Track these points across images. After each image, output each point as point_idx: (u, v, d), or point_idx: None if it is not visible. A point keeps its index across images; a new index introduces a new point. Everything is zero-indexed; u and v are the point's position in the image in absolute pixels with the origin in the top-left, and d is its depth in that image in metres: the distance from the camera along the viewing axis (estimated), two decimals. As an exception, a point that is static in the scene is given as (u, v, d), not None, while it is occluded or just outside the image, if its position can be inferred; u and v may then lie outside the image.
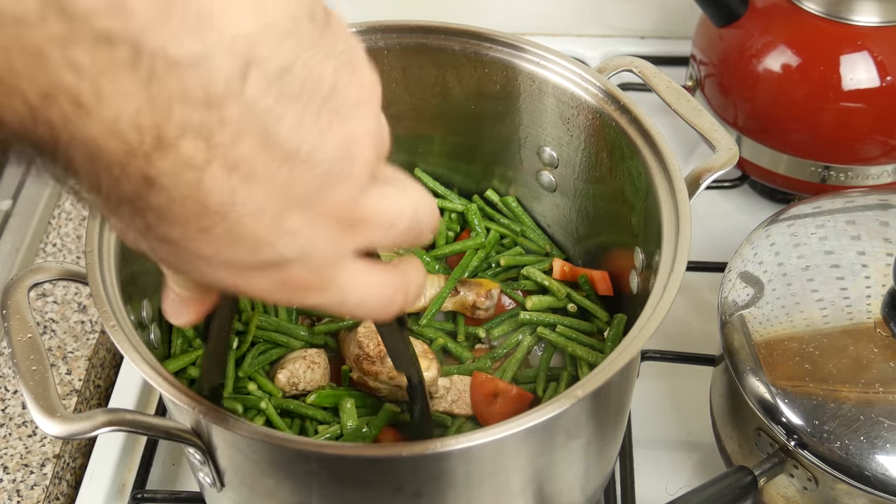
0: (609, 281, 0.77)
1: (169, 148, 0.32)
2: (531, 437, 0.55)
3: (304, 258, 0.39)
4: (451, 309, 0.76)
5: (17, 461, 0.76)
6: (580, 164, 0.76)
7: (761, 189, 1.00)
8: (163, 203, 0.34)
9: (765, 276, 0.70)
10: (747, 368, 0.65)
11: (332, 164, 0.37)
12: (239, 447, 0.55)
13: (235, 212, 0.35)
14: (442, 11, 1.00)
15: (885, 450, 0.60)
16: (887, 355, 0.64)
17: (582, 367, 0.73)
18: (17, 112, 0.30)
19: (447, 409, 0.70)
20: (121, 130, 0.31)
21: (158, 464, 0.79)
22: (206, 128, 0.33)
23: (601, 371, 0.54)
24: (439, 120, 0.81)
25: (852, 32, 0.88)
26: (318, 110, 0.36)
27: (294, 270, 0.39)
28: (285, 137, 0.35)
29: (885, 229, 0.71)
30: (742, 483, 0.64)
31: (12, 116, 0.30)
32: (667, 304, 0.57)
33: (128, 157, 0.32)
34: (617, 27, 1.18)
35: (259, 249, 0.37)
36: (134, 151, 0.32)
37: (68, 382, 0.81)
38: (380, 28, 0.75)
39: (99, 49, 0.30)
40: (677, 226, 0.62)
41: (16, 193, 0.96)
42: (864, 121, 0.89)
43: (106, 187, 0.34)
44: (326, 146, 0.37)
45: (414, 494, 0.55)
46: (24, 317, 0.59)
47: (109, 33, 0.30)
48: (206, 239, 0.36)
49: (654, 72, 0.72)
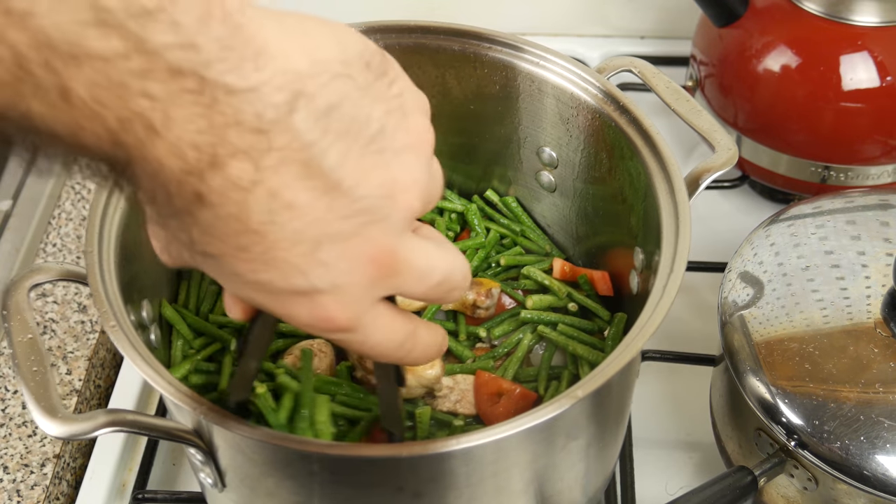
0: (609, 281, 0.77)
1: (221, 167, 0.36)
2: (532, 437, 0.55)
3: (335, 292, 0.41)
4: (451, 308, 0.76)
5: (17, 461, 0.76)
6: (580, 164, 0.76)
7: (761, 189, 1.00)
8: (209, 220, 0.37)
9: (765, 277, 0.70)
10: (747, 368, 0.66)
11: (372, 202, 0.40)
12: (240, 448, 0.56)
13: (274, 234, 0.38)
14: (441, 11, 1.00)
15: (885, 450, 0.60)
16: (887, 355, 0.64)
17: (583, 366, 0.73)
18: (100, 137, 0.34)
19: (451, 408, 0.70)
20: (182, 150, 0.35)
21: (159, 464, 0.79)
22: (256, 151, 0.36)
23: (602, 371, 0.54)
24: (439, 120, 0.80)
25: (852, 32, 0.88)
26: (364, 149, 0.39)
27: (324, 302, 0.41)
28: (328, 169, 0.38)
29: (885, 229, 0.71)
30: (742, 483, 0.64)
31: (95, 141, 0.34)
32: (667, 304, 0.57)
33: (184, 175, 0.36)
34: (617, 27, 1.18)
35: (291, 276, 0.39)
36: (191, 170, 0.35)
37: (68, 382, 0.82)
38: (379, 28, 0.75)
39: (171, 80, 0.34)
40: (677, 226, 0.62)
41: (16, 193, 0.96)
42: (864, 121, 0.89)
43: (161, 201, 0.37)
44: (368, 184, 0.39)
45: (414, 495, 0.55)
46: (25, 317, 0.59)
47: (180, 66, 0.34)
48: (244, 258, 0.39)
49: (654, 72, 0.72)
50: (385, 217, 0.40)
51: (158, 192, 0.37)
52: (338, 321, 0.42)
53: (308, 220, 0.38)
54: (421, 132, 0.43)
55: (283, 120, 0.36)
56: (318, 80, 0.37)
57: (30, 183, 0.98)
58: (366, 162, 0.39)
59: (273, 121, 0.36)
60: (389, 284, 0.43)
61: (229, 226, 0.37)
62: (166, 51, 0.33)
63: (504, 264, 0.80)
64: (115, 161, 0.35)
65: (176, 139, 0.35)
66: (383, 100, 0.40)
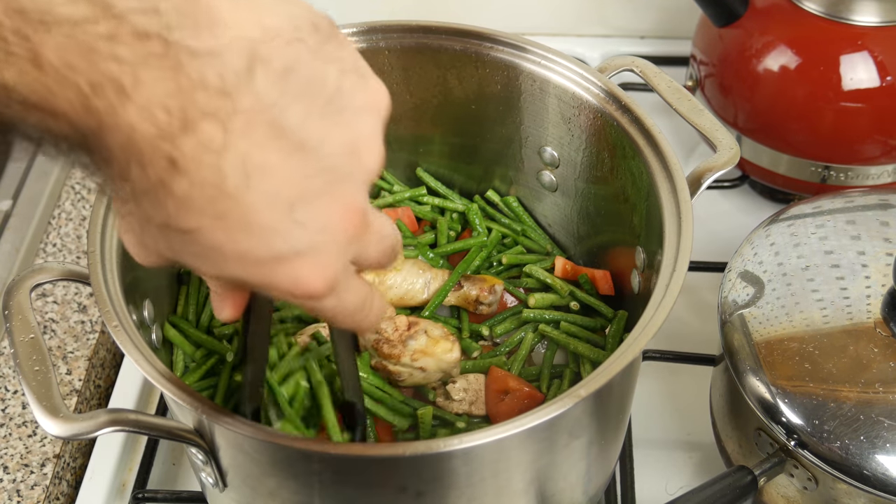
0: (610, 280, 0.77)
1: (191, 130, 0.37)
2: (533, 436, 0.55)
3: (313, 254, 0.41)
4: (453, 303, 0.76)
5: (17, 461, 0.76)
6: (581, 163, 0.76)
7: (761, 189, 1.00)
8: (184, 189, 0.38)
9: (765, 276, 0.70)
10: (747, 368, 0.66)
11: (337, 161, 0.41)
12: (241, 447, 0.56)
13: (249, 197, 0.39)
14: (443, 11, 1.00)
15: (885, 450, 0.60)
16: (887, 355, 0.64)
17: (584, 365, 0.73)
18: (72, 102, 0.35)
19: (466, 410, 0.70)
20: (153, 113, 0.36)
21: (159, 463, 0.79)
22: (223, 113, 0.37)
23: (604, 370, 0.54)
24: (440, 120, 0.81)
25: (852, 32, 0.88)
26: (324, 108, 0.40)
27: (304, 267, 0.41)
28: (292, 130, 0.39)
29: (885, 229, 0.71)
30: (742, 483, 0.64)
31: (67, 106, 0.36)
32: (669, 303, 0.57)
33: (157, 140, 0.37)
34: (617, 27, 1.18)
35: (271, 240, 0.40)
36: (163, 134, 0.37)
37: (68, 382, 0.81)
38: (380, 28, 0.75)
39: (137, 43, 0.35)
40: (679, 225, 0.62)
41: (16, 193, 0.96)
42: (864, 121, 0.89)
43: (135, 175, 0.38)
44: (332, 143, 0.41)
45: (416, 494, 0.55)
46: (26, 317, 0.59)
47: (146, 29, 0.36)
48: (222, 227, 0.39)
49: (655, 71, 0.72)
50: (350, 174, 0.42)
51: (132, 164, 0.37)
52: (317, 286, 0.42)
53: (280, 181, 0.39)
54: (378, 92, 0.44)
55: (244, 83, 0.38)
56: (272, 45, 0.39)
57: (30, 183, 0.97)
58: (327, 122, 0.41)
59: (235, 84, 0.37)
60: (358, 245, 0.44)
61: (205, 192, 0.38)
62: (131, 14, 0.35)
63: (506, 263, 0.80)
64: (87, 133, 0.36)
65: (146, 101, 0.36)
66: (336, 60, 0.42)
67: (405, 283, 0.75)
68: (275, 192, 0.39)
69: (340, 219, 0.41)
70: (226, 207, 0.38)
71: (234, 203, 0.38)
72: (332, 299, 0.44)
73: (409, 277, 0.75)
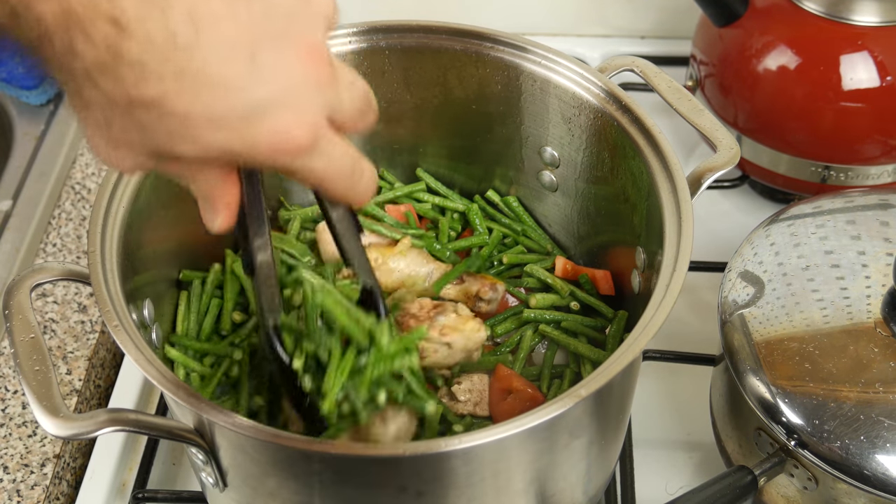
0: (611, 280, 0.77)
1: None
2: (533, 436, 0.55)
3: (287, 102, 0.40)
4: (453, 297, 0.76)
5: (17, 461, 0.76)
6: (581, 163, 0.76)
7: (761, 189, 1.00)
8: (135, 53, 0.36)
9: (765, 276, 0.70)
10: (747, 368, 0.66)
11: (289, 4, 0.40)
12: (242, 447, 0.56)
13: (203, 49, 0.37)
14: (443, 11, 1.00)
15: (885, 450, 0.60)
16: (887, 355, 0.64)
17: (585, 365, 0.73)
18: None
19: (471, 411, 0.70)
20: None
21: (159, 463, 0.79)
22: None
23: (604, 370, 0.54)
24: (441, 120, 0.81)
25: (852, 32, 0.88)
26: None
27: (281, 117, 0.41)
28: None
29: (885, 229, 0.71)
30: (742, 483, 0.64)
31: None
32: (670, 302, 0.57)
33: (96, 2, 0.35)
34: (617, 27, 1.18)
35: (237, 92, 0.39)
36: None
37: (68, 382, 0.81)
38: (381, 28, 0.75)
39: None
40: (679, 225, 0.62)
41: (16, 193, 0.96)
42: (864, 121, 0.89)
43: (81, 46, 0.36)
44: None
45: (416, 494, 0.55)
46: (27, 317, 0.59)
47: None
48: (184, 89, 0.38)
49: (656, 71, 0.72)
50: (304, 17, 0.41)
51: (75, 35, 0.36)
52: (300, 136, 0.42)
53: (230, 28, 0.38)
54: None
55: None
56: None
57: (30, 183, 0.97)
58: None
59: None
60: (329, 93, 0.43)
61: (157, 52, 0.37)
62: None
63: (507, 263, 0.80)
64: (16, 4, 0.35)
65: None
66: None
67: (408, 269, 0.75)
68: (228, 40, 0.38)
69: (303, 63, 0.41)
70: (182, 64, 0.37)
71: (189, 57, 0.37)
72: (322, 158, 0.43)
73: (413, 265, 0.75)
